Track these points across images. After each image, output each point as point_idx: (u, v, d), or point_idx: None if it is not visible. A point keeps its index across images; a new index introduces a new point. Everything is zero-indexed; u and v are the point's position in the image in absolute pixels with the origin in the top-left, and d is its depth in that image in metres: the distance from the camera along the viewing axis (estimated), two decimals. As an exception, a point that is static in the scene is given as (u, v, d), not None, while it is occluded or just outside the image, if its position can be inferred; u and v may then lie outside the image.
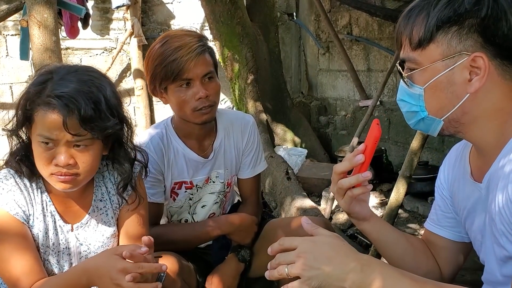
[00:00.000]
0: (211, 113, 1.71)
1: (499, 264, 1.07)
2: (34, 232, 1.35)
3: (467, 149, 1.20)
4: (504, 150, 1.03)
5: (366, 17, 4.93)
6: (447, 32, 1.01)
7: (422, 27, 1.03)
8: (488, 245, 1.10)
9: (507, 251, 1.02)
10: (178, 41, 1.66)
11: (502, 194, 0.99)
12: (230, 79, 4.77)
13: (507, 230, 1.00)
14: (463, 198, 1.19)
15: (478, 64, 1.00)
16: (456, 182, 1.23)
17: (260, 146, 1.98)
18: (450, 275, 1.30)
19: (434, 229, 1.31)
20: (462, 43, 1.00)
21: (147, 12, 6.05)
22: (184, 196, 1.85)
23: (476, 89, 1.01)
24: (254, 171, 1.95)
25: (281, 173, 3.59)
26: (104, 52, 5.98)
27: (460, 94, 1.03)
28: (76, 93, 1.23)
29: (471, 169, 1.16)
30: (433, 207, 1.33)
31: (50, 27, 2.59)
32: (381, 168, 4.17)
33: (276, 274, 0.98)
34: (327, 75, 5.81)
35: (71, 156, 1.27)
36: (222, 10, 4.45)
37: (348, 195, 1.16)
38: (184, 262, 1.69)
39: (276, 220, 2.05)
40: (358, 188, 1.15)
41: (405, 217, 3.51)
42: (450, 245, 1.28)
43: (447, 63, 1.02)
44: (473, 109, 1.04)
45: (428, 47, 1.03)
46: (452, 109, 1.05)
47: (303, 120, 5.02)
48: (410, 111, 1.11)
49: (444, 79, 1.03)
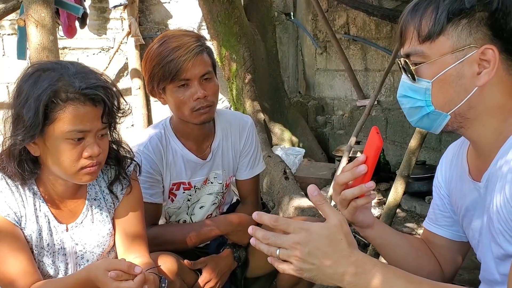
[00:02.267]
0: (209, 113, 1.71)
1: (496, 263, 1.07)
2: (26, 233, 1.33)
3: (464, 147, 1.20)
4: (502, 150, 1.03)
5: (363, 17, 4.93)
6: (457, 25, 1.01)
7: (431, 19, 1.02)
8: (486, 243, 1.10)
9: (503, 249, 1.02)
10: (176, 41, 1.65)
11: (500, 194, 0.99)
12: (227, 78, 4.76)
13: (504, 229, 1.00)
14: (460, 197, 1.19)
15: (487, 57, 1.00)
16: (453, 180, 1.23)
17: (259, 147, 1.97)
18: (450, 274, 1.30)
19: (433, 229, 1.31)
20: (472, 35, 1.00)
21: (145, 11, 6.04)
22: (183, 197, 1.84)
23: (485, 82, 1.01)
24: (252, 172, 1.94)
25: (279, 173, 3.59)
26: (101, 52, 5.97)
27: (469, 88, 1.03)
28: (98, 85, 1.29)
29: (469, 168, 1.16)
30: (431, 206, 1.33)
31: (48, 26, 2.58)
32: (378, 168, 4.17)
33: (265, 250, 0.96)
34: (324, 75, 5.81)
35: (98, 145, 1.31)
36: (220, 10, 4.45)
37: (352, 206, 1.15)
38: (182, 261, 1.69)
39: None
40: (362, 198, 1.14)
41: (403, 217, 3.52)
42: (449, 244, 1.29)
43: (457, 56, 1.02)
44: (479, 104, 1.04)
45: (438, 39, 1.02)
46: (460, 103, 1.04)
47: (300, 120, 5.03)
48: (414, 106, 1.09)
49: (453, 72, 1.03)
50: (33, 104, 1.23)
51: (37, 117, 1.23)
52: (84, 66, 1.35)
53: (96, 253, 1.43)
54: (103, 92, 1.28)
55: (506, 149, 1.01)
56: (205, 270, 1.73)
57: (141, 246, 1.47)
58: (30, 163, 1.31)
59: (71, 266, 1.40)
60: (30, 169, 1.31)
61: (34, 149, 1.29)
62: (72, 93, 1.25)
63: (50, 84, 1.25)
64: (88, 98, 1.26)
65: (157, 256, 1.60)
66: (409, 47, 1.07)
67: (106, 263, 1.20)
